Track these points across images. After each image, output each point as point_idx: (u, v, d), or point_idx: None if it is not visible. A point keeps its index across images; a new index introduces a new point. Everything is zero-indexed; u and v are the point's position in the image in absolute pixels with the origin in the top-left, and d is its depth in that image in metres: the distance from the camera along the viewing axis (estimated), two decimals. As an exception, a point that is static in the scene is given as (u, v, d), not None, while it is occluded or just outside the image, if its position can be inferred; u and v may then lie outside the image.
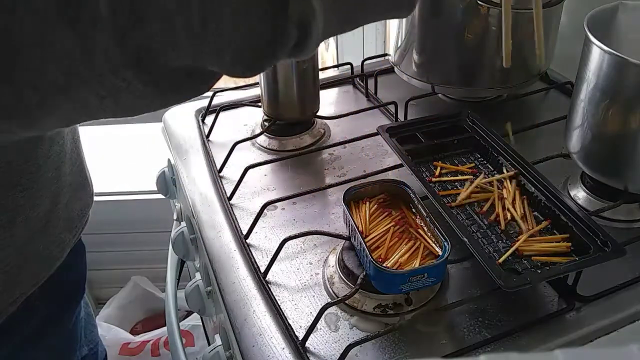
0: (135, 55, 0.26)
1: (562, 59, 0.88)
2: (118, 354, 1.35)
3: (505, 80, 0.81)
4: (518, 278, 0.51)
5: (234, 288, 0.59)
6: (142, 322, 1.53)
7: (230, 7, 0.25)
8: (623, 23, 0.67)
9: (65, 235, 0.58)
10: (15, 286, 0.52)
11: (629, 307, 0.55)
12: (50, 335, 0.60)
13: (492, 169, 0.68)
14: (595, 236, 0.55)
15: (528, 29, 0.79)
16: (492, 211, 0.62)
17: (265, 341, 0.53)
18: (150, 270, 1.57)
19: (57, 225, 0.56)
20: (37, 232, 0.53)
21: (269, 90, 0.79)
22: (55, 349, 0.62)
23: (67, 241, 0.58)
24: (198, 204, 0.72)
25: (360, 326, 0.54)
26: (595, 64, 0.59)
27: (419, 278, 0.51)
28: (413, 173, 0.64)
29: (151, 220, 1.43)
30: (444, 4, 0.77)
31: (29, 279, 0.54)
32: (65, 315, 0.64)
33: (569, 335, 0.53)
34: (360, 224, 0.58)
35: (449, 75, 0.82)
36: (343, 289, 0.57)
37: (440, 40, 0.80)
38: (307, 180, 0.74)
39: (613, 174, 0.63)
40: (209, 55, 0.27)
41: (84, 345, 0.71)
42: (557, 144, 0.74)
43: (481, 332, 0.53)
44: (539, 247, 0.57)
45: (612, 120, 0.60)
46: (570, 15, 0.85)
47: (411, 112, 0.84)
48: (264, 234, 0.65)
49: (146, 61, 0.26)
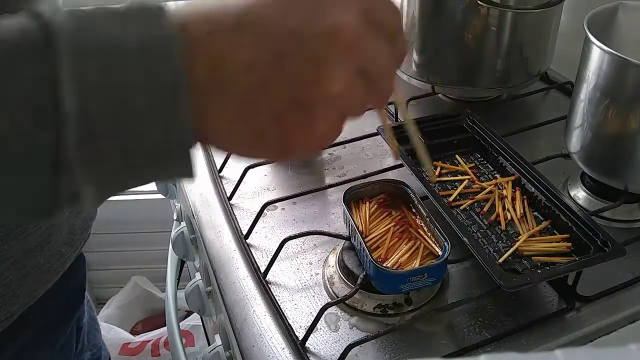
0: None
1: (562, 59, 0.88)
2: (118, 354, 1.36)
3: (505, 80, 0.81)
4: (518, 278, 0.51)
5: (234, 288, 0.59)
6: (142, 322, 1.53)
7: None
8: (623, 23, 0.67)
9: (66, 249, 0.57)
10: (13, 300, 0.51)
11: (629, 307, 0.55)
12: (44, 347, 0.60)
13: (492, 169, 0.68)
14: (595, 236, 0.55)
15: (528, 29, 0.79)
16: (492, 211, 0.62)
17: (265, 341, 0.53)
18: (150, 270, 1.57)
19: (57, 240, 0.55)
20: (38, 246, 0.52)
21: (269, 90, 0.79)
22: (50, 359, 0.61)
23: (68, 255, 0.57)
24: (198, 204, 0.72)
25: (360, 326, 0.54)
26: (595, 64, 0.59)
27: (419, 278, 0.51)
28: (413, 173, 0.64)
29: (151, 220, 1.43)
30: (444, 4, 0.77)
31: (28, 293, 0.53)
32: (61, 326, 0.62)
33: (569, 335, 0.53)
34: (360, 224, 0.58)
35: (449, 75, 0.82)
36: (343, 289, 0.57)
37: (440, 40, 0.80)
38: (307, 180, 0.74)
39: (613, 174, 0.63)
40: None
41: (87, 349, 0.71)
42: (557, 144, 0.74)
43: (481, 332, 0.53)
44: (539, 247, 0.57)
45: (612, 120, 0.60)
46: (570, 15, 0.85)
47: (411, 112, 0.84)
48: (264, 234, 0.65)
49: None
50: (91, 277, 1.55)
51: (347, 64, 0.31)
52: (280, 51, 0.29)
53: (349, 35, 0.31)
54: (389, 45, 0.34)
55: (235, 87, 0.29)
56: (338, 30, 0.30)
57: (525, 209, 0.61)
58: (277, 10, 0.30)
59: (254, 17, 0.29)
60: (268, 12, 0.30)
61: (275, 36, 0.29)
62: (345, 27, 0.30)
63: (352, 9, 0.31)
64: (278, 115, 0.30)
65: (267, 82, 0.30)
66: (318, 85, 0.30)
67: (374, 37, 0.32)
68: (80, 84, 0.26)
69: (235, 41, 0.29)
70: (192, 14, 0.29)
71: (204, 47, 0.29)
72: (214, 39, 0.29)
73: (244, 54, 0.29)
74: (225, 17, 0.29)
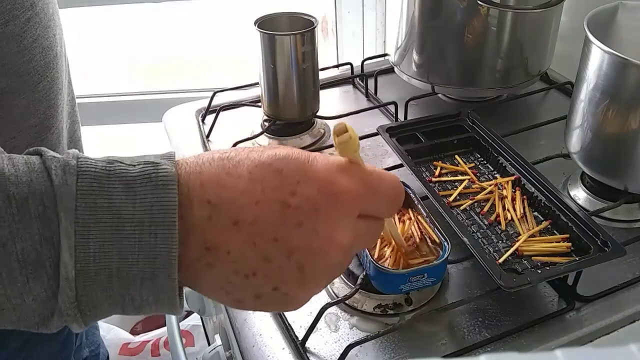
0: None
1: (562, 59, 0.88)
2: (118, 354, 1.35)
3: (505, 80, 0.81)
4: (518, 278, 0.51)
5: (234, 288, 0.59)
6: (142, 322, 1.53)
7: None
8: (623, 23, 0.67)
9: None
10: None
11: (629, 307, 0.55)
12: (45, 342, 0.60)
13: (492, 169, 0.68)
14: (595, 236, 0.55)
15: (528, 29, 0.79)
16: (492, 211, 0.62)
17: (265, 341, 0.53)
18: (150, 271, 1.56)
19: None
20: None
21: (269, 90, 0.79)
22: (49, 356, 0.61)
23: None
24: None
25: (360, 326, 0.54)
26: (595, 64, 0.59)
27: (419, 278, 0.51)
28: (413, 173, 0.64)
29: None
30: (444, 4, 0.77)
31: None
32: None
33: (569, 335, 0.53)
34: (360, 224, 0.58)
35: (449, 75, 0.82)
36: (343, 289, 0.57)
37: (440, 40, 0.80)
38: (307, 180, 0.74)
39: (613, 174, 0.63)
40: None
41: (85, 347, 0.71)
42: (557, 144, 0.74)
43: (481, 332, 0.53)
44: (539, 247, 0.57)
45: (612, 120, 0.60)
46: (570, 15, 0.85)
47: (411, 112, 0.84)
48: (264, 234, 0.65)
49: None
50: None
51: (330, 274, 0.35)
52: (268, 255, 0.32)
53: (337, 256, 0.33)
54: (378, 229, 0.38)
55: (222, 271, 0.32)
56: (326, 251, 0.33)
57: (525, 209, 0.61)
58: (275, 211, 0.32)
59: (253, 215, 0.31)
60: (266, 212, 0.32)
61: (267, 239, 0.32)
62: (334, 248, 0.33)
63: (347, 221, 0.33)
64: (257, 295, 0.33)
65: (252, 274, 0.32)
66: (300, 288, 0.34)
67: (363, 236, 0.36)
68: (81, 253, 0.29)
69: (230, 234, 0.31)
70: (198, 187, 0.31)
71: (203, 232, 0.31)
72: (213, 226, 0.31)
73: (236, 247, 0.32)
74: (227, 204, 0.31)
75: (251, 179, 0.32)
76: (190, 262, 0.32)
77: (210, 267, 0.32)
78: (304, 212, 0.32)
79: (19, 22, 0.45)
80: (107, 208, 0.29)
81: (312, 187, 0.32)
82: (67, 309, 0.30)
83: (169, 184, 0.30)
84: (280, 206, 0.32)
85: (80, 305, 0.30)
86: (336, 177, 0.33)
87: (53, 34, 0.51)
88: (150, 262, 0.30)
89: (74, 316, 0.30)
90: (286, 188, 0.32)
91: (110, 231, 0.29)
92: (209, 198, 0.31)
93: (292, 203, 0.32)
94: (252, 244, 0.32)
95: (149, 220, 0.30)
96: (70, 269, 0.29)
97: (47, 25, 0.50)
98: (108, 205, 0.29)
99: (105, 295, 0.30)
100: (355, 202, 0.34)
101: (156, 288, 0.31)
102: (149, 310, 0.32)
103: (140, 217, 0.30)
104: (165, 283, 0.31)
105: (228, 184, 0.32)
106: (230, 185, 0.32)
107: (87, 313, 0.31)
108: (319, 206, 0.32)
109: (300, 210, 0.32)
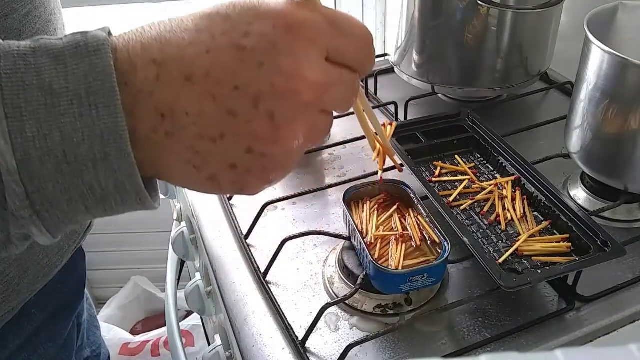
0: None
1: (562, 59, 0.88)
2: (118, 354, 1.35)
3: (505, 80, 0.81)
4: (518, 278, 0.51)
5: (234, 288, 0.59)
6: (142, 322, 1.53)
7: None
8: (623, 23, 0.67)
9: (65, 242, 0.57)
10: (14, 296, 0.51)
11: (629, 307, 0.55)
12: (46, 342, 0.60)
13: (492, 169, 0.68)
14: (595, 236, 0.55)
15: (528, 29, 0.79)
16: (492, 211, 0.62)
17: (265, 341, 0.53)
18: (150, 270, 1.57)
19: None
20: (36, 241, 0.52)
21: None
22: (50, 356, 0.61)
23: (66, 248, 0.58)
24: (198, 204, 0.72)
25: (360, 326, 0.54)
26: (595, 64, 0.59)
27: (419, 278, 0.51)
28: (413, 173, 0.64)
29: (151, 220, 1.43)
30: (444, 4, 0.77)
31: (28, 287, 0.53)
32: (61, 321, 0.63)
33: (569, 335, 0.53)
34: (360, 224, 0.58)
35: (449, 75, 0.82)
36: (343, 289, 0.57)
37: (440, 40, 0.80)
38: (307, 180, 0.74)
39: (613, 174, 0.63)
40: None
41: (86, 347, 0.71)
42: (557, 144, 0.74)
43: (481, 332, 0.53)
44: (539, 247, 0.57)
45: (612, 120, 0.60)
46: (570, 15, 0.85)
47: (411, 112, 0.84)
48: (264, 234, 0.65)
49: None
50: (91, 277, 1.55)
51: (305, 119, 0.30)
52: (232, 109, 0.29)
53: (308, 94, 0.30)
54: (352, 82, 0.33)
55: (185, 138, 0.29)
56: (294, 89, 0.29)
57: (525, 209, 0.61)
58: (230, 56, 0.29)
59: (206, 65, 0.28)
60: (220, 59, 0.28)
61: (227, 89, 0.28)
62: (302, 84, 0.30)
63: (312, 56, 0.30)
64: (231, 164, 0.30)
65: (220, 135, 0.29)
66: (275, 142, 0.30)
67: (336, 85, 0.31)
68: (18, 138, 0.26)
69: (184, 92, 0.28)
70: (139, 48, 0.28)
71: (152, 95, 0.28)
72: (162, 86, 0.28)
73: (194, 106, 0.28)
74: (176, 59, 0.28)
75: (197, 30, 0.29)
76: (145, 134, 0.28)
77: (170, 136, 0.29)
78: (261, 52, 0.29)
79: (17, 15, 0.45)
80: (38, 85, 0.26)
81: (266, 24, 0.29)
82: (19, 209, 0.27)
83: (102, 49, 0.27)
84: (235, 50, 0.29)
85: (34, 205, 0.27)
86: (292, 9, 0.30)
87: (54, 28, 0.51)
88: (97, 138, 0.27)
89: (29, 218, 0.27)
90: (238, 30, 0.29)
91: (46, 109, 0.26)
92: (153, 57, 0.28)
93: (247, 44, 0.29)
94: (212, 98, 0.28)
95: (85, 91, 0.27)
96: (9, 158, 0.26)
97: (48, 20, 0.49)
98: (38, 82, 0.26)
99: (60, 189, 0.27)
100: (318, 35, 0.30)
101: (111, 169, 0.28)
102: (115, 204, 0.29)
103: (74, 89, 0.27)
104: (120, 161, 0.27)
105: (173, 40, 0.29)
106: (175, 40, 0.29)
107: (44, 215, 0.28)
108: (276, 42, 0.29)
109: (257, 51, 0.29)
